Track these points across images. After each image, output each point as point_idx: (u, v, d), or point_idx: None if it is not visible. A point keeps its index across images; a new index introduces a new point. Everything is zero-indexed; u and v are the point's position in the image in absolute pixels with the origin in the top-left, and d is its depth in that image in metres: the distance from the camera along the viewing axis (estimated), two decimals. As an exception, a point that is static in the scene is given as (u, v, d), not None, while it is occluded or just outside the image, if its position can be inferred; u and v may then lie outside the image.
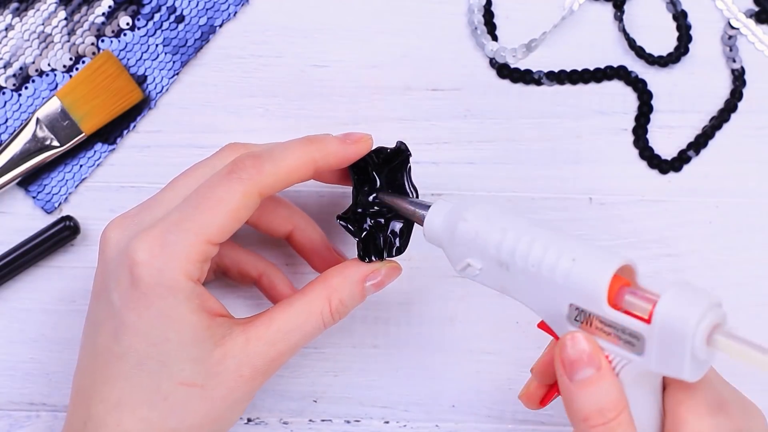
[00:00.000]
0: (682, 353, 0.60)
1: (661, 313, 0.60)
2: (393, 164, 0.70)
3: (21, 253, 0.76)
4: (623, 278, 0.62)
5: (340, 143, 0.69)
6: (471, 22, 0.77)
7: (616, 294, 0.62)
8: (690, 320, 0.60)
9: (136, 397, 0.66)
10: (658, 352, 0.61)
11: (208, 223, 0.66)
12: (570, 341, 0.63)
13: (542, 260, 0.63)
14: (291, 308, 0.68)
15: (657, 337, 0.60)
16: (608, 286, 0.62)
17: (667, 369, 0.61)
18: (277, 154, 0.67)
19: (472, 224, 0.66)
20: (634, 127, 0.77)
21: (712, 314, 0.60)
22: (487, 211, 0.66)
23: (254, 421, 0.77)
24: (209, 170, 0.69)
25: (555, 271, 0.63)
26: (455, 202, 0.67)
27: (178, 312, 0.66)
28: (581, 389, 0.62)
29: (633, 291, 0.62)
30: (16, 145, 0.75)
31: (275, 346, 0.67)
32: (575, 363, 0.63)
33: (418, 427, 0.77)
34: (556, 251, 0.63)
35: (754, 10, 0.78)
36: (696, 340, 0.60)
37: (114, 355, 0.66)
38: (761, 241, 0.77)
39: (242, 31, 0.77)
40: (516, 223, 0.65)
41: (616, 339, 0.62)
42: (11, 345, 0.77)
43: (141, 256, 0.66)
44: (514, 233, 0.64)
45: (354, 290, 0.69)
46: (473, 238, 0.65)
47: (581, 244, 0.63)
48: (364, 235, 0.69)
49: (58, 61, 0.77)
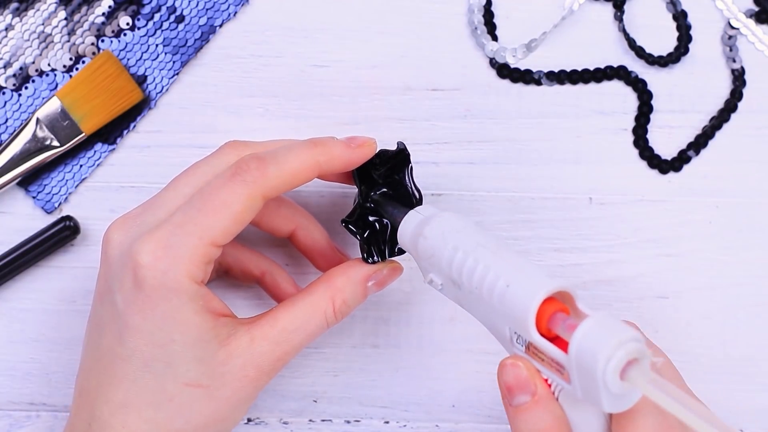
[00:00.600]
0: (596, 387, 0.59)
1: (575, 346, 0.59)
2: (394, 165, 0.70)
3: (21, 253, 0.76)
4: (560, 303, 0.61)
5: (345, 147, 0.69)
6: (471, 22, 0.77)
7: (549, 319, 0.61)
8: (599, 356, 0.58)
9: (141, 399, 0.66)
10: (579, 382, 0.60)
11: (211, 225, 0.66)
12: (509, 366, 0.63)
13: (483, 282, 0.63)
14: (295, 308, 0.68)
15: (575, 369, 0.60)
16: (536, 313, 0.61)
17: (590, 399, 0.60)
18: (281, 157, 0.67)
19: (429, 241, 0.66)
20: (634, 127, 0.77)
21: (622, 351, 0.58)
22: (443, 228, 0.66)
23: (254, 421, 0.77)
24: (210, 169, 0.69)
25: (493, 295, 0.63)
26: (426, 213, 0.67)
27: (183, 313, 0.66)
28: (518, 414, 0.63)
29: (564, 317, 0.61)
30: (16, 145, 0.75)
31: (280, 346, 0.68)
32: (512, 388, 0.63)
33: (418, 427, 0.77)
34: (494, 274, 0.63)
35: (754, 10, 0.78)
36: (607, 377, 0.58)
37: (118, 356, 0.66)
38: (761, 241, 0.77)
39: (242, 31, 0.77)
40: (465, 242, 0.64)
41: (548, 365, 0.62)
42: (11, 345, 0.77)
43: (144, 259, 0.66)
44: (462, 253, 0.64)
45: (357, 290, 0.69)
46: (431, 255, 0.66)
47: (519, 268, 0.62)
48: (366, 236, 0.70)
49: (58, 61, 0.77)
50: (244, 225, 0.67)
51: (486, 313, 0.64)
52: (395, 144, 0.71)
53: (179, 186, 0.69)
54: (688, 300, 0.77)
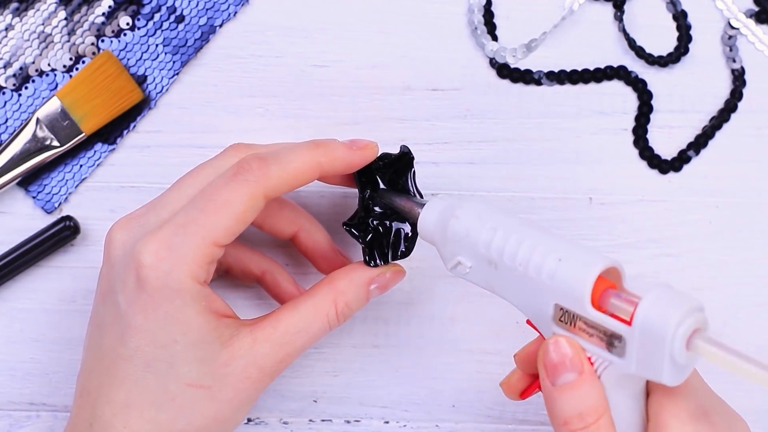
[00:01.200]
0: (661, 356, 0.60)
1: (641, 316, 0.60)
2: (397, 168, 0.70)
3: (21, 253, 0.76)
4: (608, 280, 0.62)
5: (347, 149, 0.69)
6: (471, 22, 0.77)
7: (600, 295, 0.62)
8: (669, 323, 0.59)
9: (143, 399, 0.66)
10: (639, 354, 0.60)
11: (214, 225, 0.66)
12: (553, 345, 0.63)
13: (529, 260, 0.63)
14: (297, 310, 0.69)
15: (637, 340, 0.60)
16: (592, 287, 0.61)
17: (647, 372, 0.60)
18: (283, 157, 0.67)
19: (463, 222, 0.66)
20: (634, 127, 0.77)
21: (692, 318, 0.60)
22: (478, 210, 0.66)
23: (254, 421, 0.77)
24: (214, 171, 0.69)
25: (541, 271, 0.63)
26: (450, 201, 0.68)
27: (185, 314, 0.66)
28: (562, 393, 0.62)
29: (617, 293, 0.62)
30: (16, 145, 0.75)
31: (282, 348, 0.68)
32: (557, 367, 0.63)
33: (418, 427, 0.77)
34: (542, 251, 0.63)
35: (754, 10, 0.78)
36: (675, 344, 0.59)
37: (120, 357, 0.66)
38: (761, 241, 0.77)
39: (242, 31, 0.77)
40: (506, 222, 0.65)
41: (599, 340, 0.62)
42: (11, 345, 0.77)
43: (147, 259, 0.66)
44: (503, 232, 0.64)
45: (359, 293, 0.70)
46: (464, 236, 0.66)
47: (568, 245, 0.63)
48: (369, 239, 0.70)
49: (58, 61, 0.77)
50: (247, 224, 0.67)
51: (526, 291, 0.64)
52: (397, 145, 0.71)
53: (183, 187, 0.69)
54: (688, 300, 0.77)
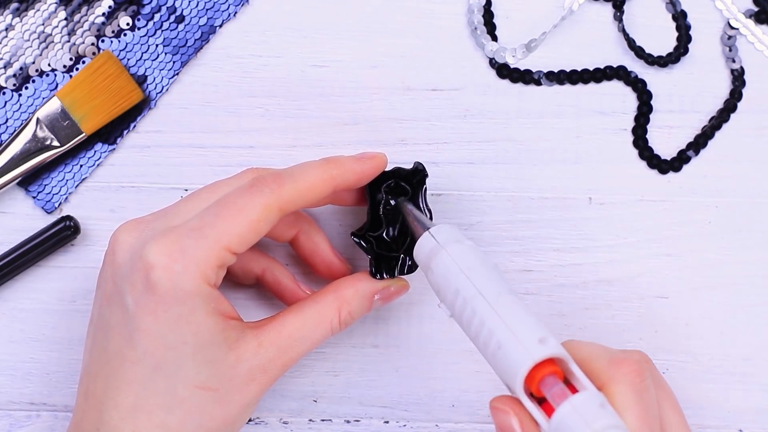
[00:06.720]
0: None
1: (555, 424, 0.61)
2: (411, 184, 0.71)
3: (21, 253, 0.76)
4: (554, 365, 0.62)
5: (356, 161, 0.70)
6: (471, 22, 0.77)
7: (540, 382, 0.62)
8: None
9: (152, 402, 0.66)
10: None
11: (227, 230, 0.66)
12: (496, 411, 0.63)
13: (479, 336, 0.64)
14: (302, 315, 0.69)
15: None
16: (523, 382, 0.62)
17: None
18: (297, 173, 0.68)
19: (436, 277, 0.67)
20: (633, 127, 0.77)
21: None
22: (448, 267, 0.66)
23: (254, 421, 0.77)
24: (228, 188, 0.69)
25: (487, 351, 0.64)
26: (443, 236, 0.67)
27: (196, 316, 0.66)
28: None
29: (553, 384, 0.62)
30: (16, 145, 0.75)
31: (286, 353, 0.68)
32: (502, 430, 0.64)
33: (418, 427, 0.77)
34: (488, 331, 0.63)
35: (753, 10, 0.78)
36: None
37: (128, 359, 0.66)
38: (761, 241, 0.77)
39: (242, 31, 0.77)
40: (467, 288, 0.65)
41: None
42: (12, 345, 0.77)
43: (158, 260, 0.65)
44: (461, 299, 0.65)
45: (363, 303, 0.71)
46: (437, 290, 0.67)
47: (514, 327, 0.63)
48: (376, 252, 0.70)
49: (58, 61, 0.77)
50: (260, 236, 0.67)
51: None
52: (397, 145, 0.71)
53: (196, 199, 0.69)
54: (688, 300, 0.77)
